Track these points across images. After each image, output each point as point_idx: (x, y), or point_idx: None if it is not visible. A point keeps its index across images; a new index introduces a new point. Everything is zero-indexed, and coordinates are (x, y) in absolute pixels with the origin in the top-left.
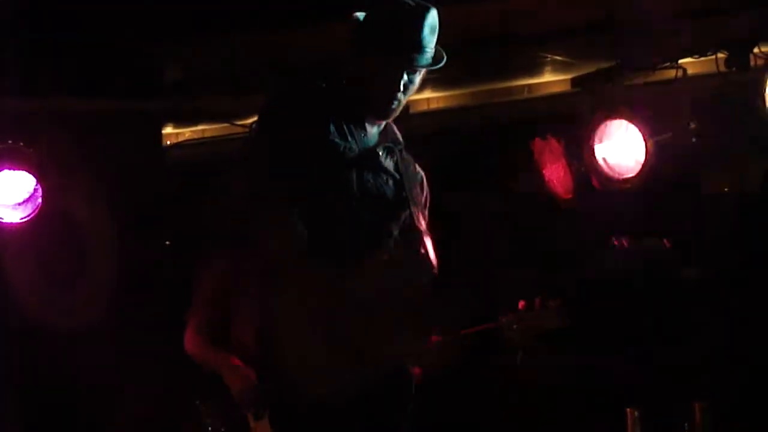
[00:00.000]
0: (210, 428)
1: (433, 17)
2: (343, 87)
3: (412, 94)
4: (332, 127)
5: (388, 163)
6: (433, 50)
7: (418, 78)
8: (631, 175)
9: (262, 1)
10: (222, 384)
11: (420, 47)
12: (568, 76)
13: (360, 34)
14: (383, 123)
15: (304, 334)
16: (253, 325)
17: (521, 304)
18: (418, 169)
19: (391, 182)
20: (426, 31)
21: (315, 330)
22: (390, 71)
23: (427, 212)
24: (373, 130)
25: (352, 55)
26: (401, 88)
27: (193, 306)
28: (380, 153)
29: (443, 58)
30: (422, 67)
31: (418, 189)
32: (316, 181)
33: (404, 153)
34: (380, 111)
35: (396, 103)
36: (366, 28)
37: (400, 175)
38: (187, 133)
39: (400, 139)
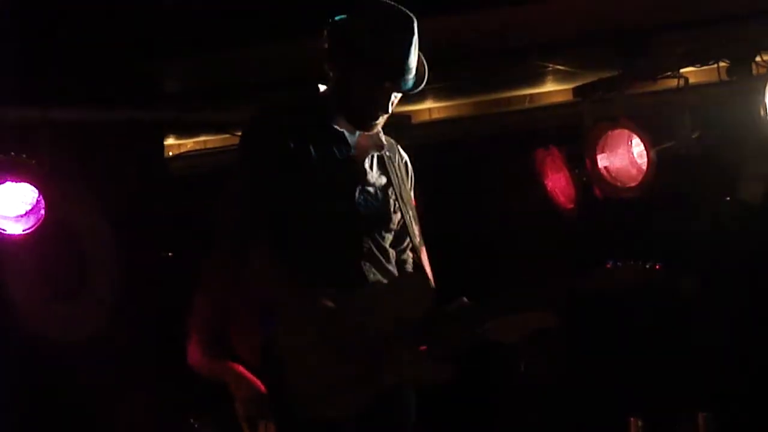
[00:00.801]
0: None
1: (415, 32)
2: (320, 98)
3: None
4: (312, 150)
5: (376, 171)
6: (416, 66)
7: (401, 94)
8: (633, 184)
9: (261, 15)
10: (217, 398)
11: (407, 70)
12: (570, 86)
13: (341, 46)
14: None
15: (304, 355)
16: (254, 342)
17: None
18: (403, 153)
19: (380, 194)
20: (412, 52)
21: (315, 351)
22: (377, 92)
23: (412, 195)
24: (354, 139)
25: (332, 66)
26: (389, 107)
27: (194, 317)
28: (366, 165)
29: (426, 74)
30: (408, 91)
31: (406, 182)
32: (304, 205)
33: (387, 149)
34: (364, 126)
35: (380, 119)
36: (348, 41)
37: (389, 178)
38: (188, 144)
39: (383, 139)
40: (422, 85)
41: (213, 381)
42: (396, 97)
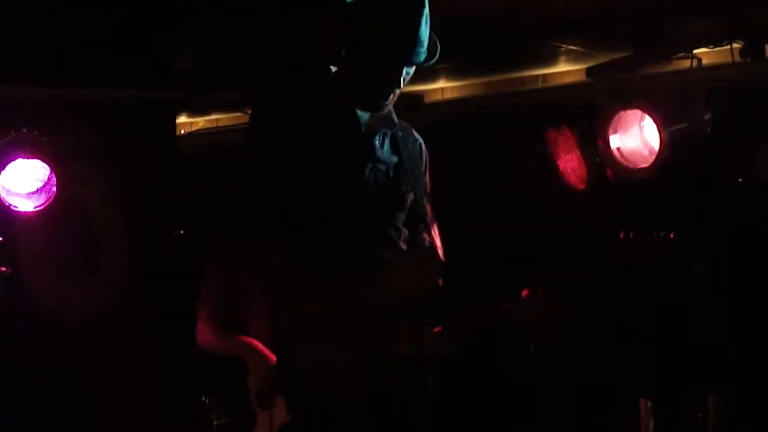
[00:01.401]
0: (215, 422)
1: (426, 7)
2: (333, 78)
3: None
4: (321, 129)
5: (387, 149)
6: (428, 41)
7: (412, 69)
8: (645, 165)
9: None
10: (227, 376)
11: (417, 42)
12: (583, 66)
13: (353, 24)
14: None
15: (311, 334)
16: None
17: (524, 292)
18: (417, 136)
19: (391, 172)
20: (422, 25)
21: (326, 329)
22: (387, 68)
23: (427, 178)
24: (365, 117)
25: (344, 46)
26: (400, 83)
27: (203, 296)
28: (376, 143)
29: (438, 50)
30: (419, 64)
31: (420, 164)
32: (312, 184)
33: (399, 129)
34: (374, 104)
35: (392, 96)
36: (359, 18)
37: (400, 157)
38: (200, 122)
39: (395, 119)
40: (433, 60)
41: (223, 358)
42: (408, 74)
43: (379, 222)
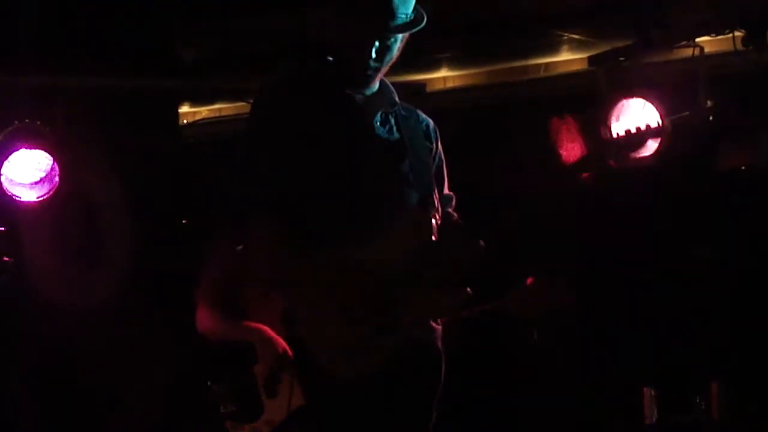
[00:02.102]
0: (222, 409)
1: None
2: (328, 64)
3: (392, 61)
4: (319, 116)
5: (387, 128)
6: (408, 15)
7: (397, 44)
8: (647, 153)
9: None
10: (233, 362)
11: (390, 12)
12: (586, 55)
13: (336, 4)
14: (374, 88)
15: (323, 314)
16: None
17: (530, 280)
18: (423, 116)
19: (392, 147)
20: None
21: (333, 308)
22: (361, 39)
23: (438, 157)
24: (363, 99)
25: (330, 27)
26: (373, 54)
27: (204, 283)
28: (376, 123)
29: (419, 24)
30: (392, 32)
31: (423, 140)
32: (312, 164)
33: (402, 109)
34: (355, 79)
35: (371, 70)
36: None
37: (402, 134)
38: (203, 111)
39: (396, 99)
40: (416, 28)
41: (228, 346)
42: (392, 49)
43: (382, 199)
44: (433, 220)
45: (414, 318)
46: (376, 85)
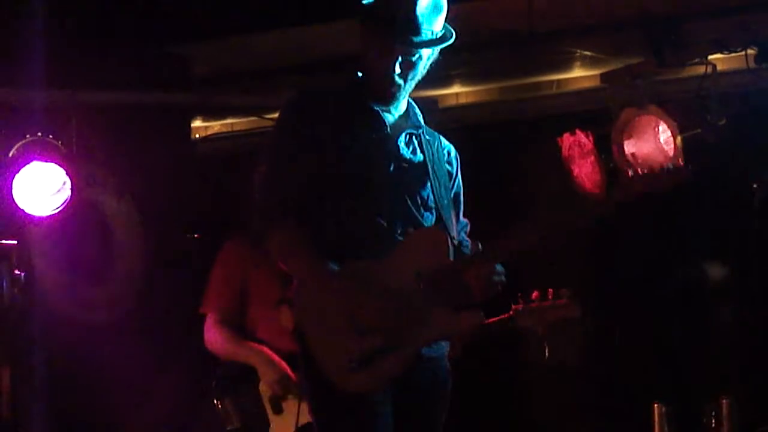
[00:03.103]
0: (228, 427)
1: None
2: (358, 81)
3: (419, 77)
4: (347, 130)
5: (412, 148)
6: (435, 32)
7: (422, 61)
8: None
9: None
10: (240, 379)
11: (415, 27)
12: (598, 72)
13: (363, 19)
14: (402, 109)
15: (334, 327)
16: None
17: (534, 294)
18: (445, 143)
19: (415, 169)
20: (422, 10)
21: (344, 322)
22: (386, 54)
23: (457, 183)
24: (391, 118)
25: (361, 44)
26: (396, 70)
27: (211, 299)
28: (401, 142)
29: (445, 42)
30: (414, 47)
31: (445, 166)
32: (337, 177)
33: (427, 133)
34: (381, 96)
35: (395, 87)
36: (367, 13)
37: (425, 156)
38: (215, 126)
39: (421, 121)
40: (443, 44)
41: (234, 363)
42: (418, 66)
43: (401, 219)
44: (450, 241)
45: (424, 338)
46: (403, 105)
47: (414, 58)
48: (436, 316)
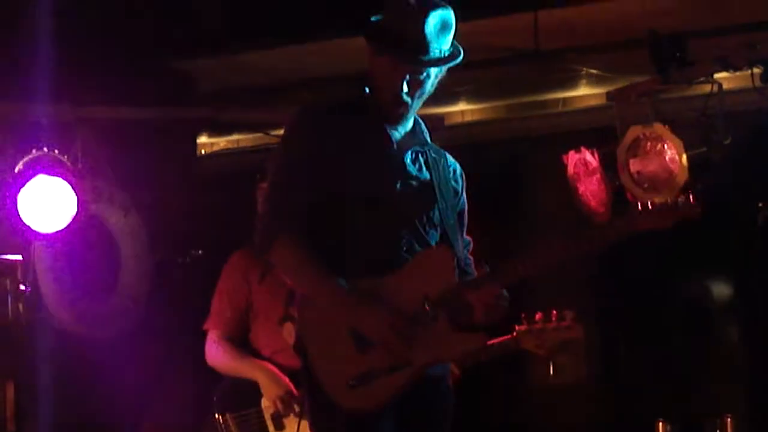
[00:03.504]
0: None
1: (439, 15)
2: (366, 97)
3: (426, 96)
4: (354, 145)
5: (418, 166)
6: (443, 50)
7: (430, 80)
8: (665, 189)
9: (296, 15)
10: (242, 395)
11: (423, 46)
12: (604, 90)
13: (372, 38)
14: (409, 126)
15: (335, 345)
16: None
17: (538, 315)
18: (451, 161)
19: (422, 187)
20: (430, 29)
21: (345, 340)
22: (394, 72)
23: (462, 201)
24: (398, 136)
25: (369, 62)
26: (404, 88)
27: (214, 315)
28: (407, 160)
29: (453, 60)
30: (422, 66)
31: (451, 184)
32: (343, 192)
33: (433, 151)
34: (390, 114)
35: (403, 106)
36: (376, 31)
37: (431, 174)
38: (221, 142)
39: (428, 138)
40: (451, 63)
41: (236, 379)
42: (426, 84)
43: (407, 236)
44: (454, 261)
45: (426, 359)
46: (410, 122)
47: (422, 77)
48: (439, 338)
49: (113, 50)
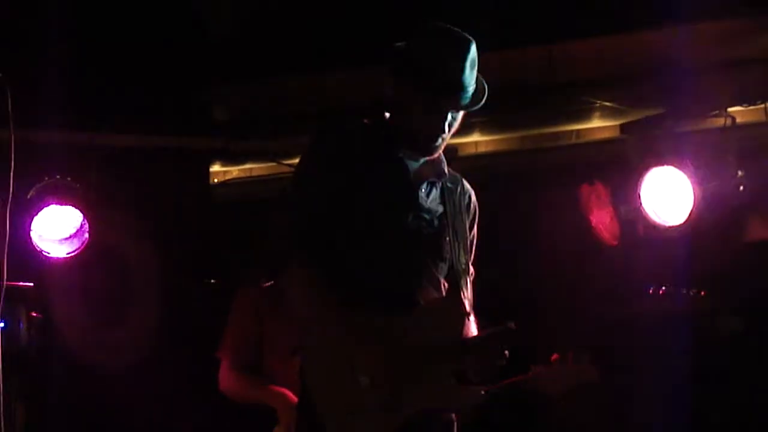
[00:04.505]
0: None
1: (472, 52)
2: (386, 125)
3: (456, 130)
4: (370, 174)
5: (432, 199)
6: (475, 85)
7: (460, 114)
8: (677, 223)
9: (312, 44)
10: (254, 422)
11: (462, 86)
12: (617, 123)
13: (400, 70)
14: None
15: (336, 381)
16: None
17: (554, 356)
18: (467, 188)
19: (435, 221)
20: (467, 69)
21: (346, 376)
22: (433, 111)
23: (474, 230)
24: (415, 166)
25: (393, 92)
26: (445, 129)
27: (228, 342)
28: (422, 191)
29: (485, 94)
30: (464, 108)
31: (465, 216)
32: (355, 222)
33: (449, 181)
34: (424, 149)
35: (440, 141)
36: (406, 64)
37: (445, 207)
38: (234, 171)
39: (445, 169)
40: (480, 104)
41: (249, 406)
42: (455, 119)
43: (416, 270)
44: (466, 302)
45: (423, 405)
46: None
47: (457, 113)
48: (438, 387)
49: (128, 78)
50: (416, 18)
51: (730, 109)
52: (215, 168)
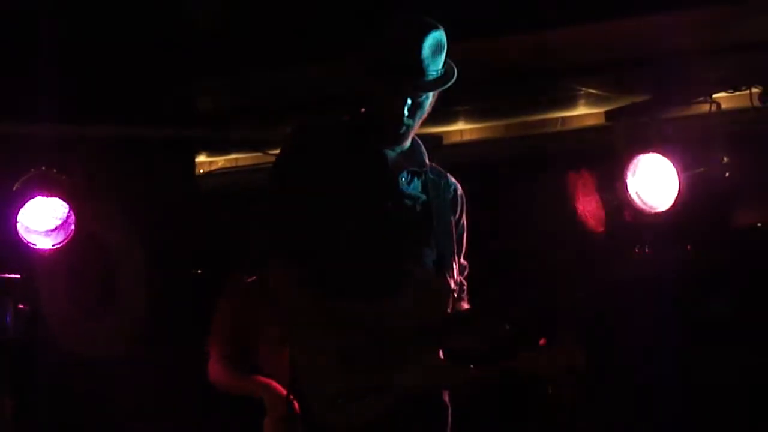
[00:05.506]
0: None
1: (434, 37)
2: (360, 117)
3: (424, 116)
4: (347, 167)
5: (414, 187)
6: (439, 71)
7: (428, 100)
8: (663, 209)
9: (294, 36)
10: (242, 414)
11: (420, 70)
12: (603, 110)
13: (364, 61)
14: (405, 146)
15: (323, 365)
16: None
17: (542, 341)
18: (451, 181)
19: (417, 206)
20: (426, 52)
21: (334, 360)
22: (392, 97)
23: (461, 225)
24: (392, 155)
25: (361, 83)
26: (405, 113)
27: (215, 334)
28: (402, 179)
29: (450, 79)
30: (422, 90)
31: (449, 205)
32: (335, 213)
33: (431, 172)
34: (392, 137)
35: (404, 128)
36: (368, 55)
37: (428, 196)
38: (220, 161)
39: (426, 160)
40: (446, 85)
41: (237, 397)
42: (423, 106)
43: (398, 254)
44: (452, 283)
45: (411, 384)
46: (407, 143)
47: (421, 99)
48: (424, 366)
49: (113, 69)
50: (400, 9)
51: (715, 96)
52: (201, 158)
